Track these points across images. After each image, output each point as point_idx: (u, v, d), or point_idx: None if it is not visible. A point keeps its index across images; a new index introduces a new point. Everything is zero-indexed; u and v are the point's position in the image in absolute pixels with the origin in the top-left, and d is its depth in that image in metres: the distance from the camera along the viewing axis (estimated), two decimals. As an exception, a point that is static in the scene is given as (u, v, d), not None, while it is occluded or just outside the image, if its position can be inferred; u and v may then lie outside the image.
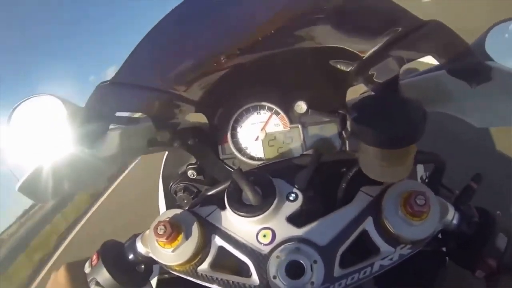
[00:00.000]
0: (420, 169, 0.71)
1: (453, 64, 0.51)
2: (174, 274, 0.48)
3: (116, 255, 0.51)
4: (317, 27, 0.61)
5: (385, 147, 0.45)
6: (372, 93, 0.68)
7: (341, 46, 0.64)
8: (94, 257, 0.50)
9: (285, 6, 0.58)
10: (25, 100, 0.58)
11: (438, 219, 0.45)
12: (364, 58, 0.62)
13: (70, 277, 0.49)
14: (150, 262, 0.51)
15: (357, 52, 0.64)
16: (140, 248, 0.50)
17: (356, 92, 0.87)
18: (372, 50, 0.59)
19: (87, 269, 0.50)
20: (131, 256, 0.51)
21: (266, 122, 0.73)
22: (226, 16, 0.61)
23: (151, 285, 0.55)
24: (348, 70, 0.68)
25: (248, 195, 0.48)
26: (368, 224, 0.46)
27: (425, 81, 0.59)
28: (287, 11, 0.58)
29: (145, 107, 0.68)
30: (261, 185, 0.49)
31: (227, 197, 0.49)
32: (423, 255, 0.48)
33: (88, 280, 0.49)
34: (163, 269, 0.49)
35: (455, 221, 0.48)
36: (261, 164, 0.68)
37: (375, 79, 0.65)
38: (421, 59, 0.56)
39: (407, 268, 0.48)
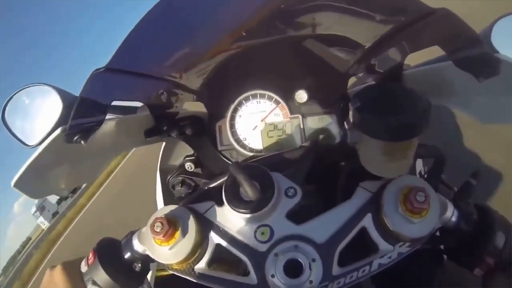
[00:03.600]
0: (418, 163, 0.71)
1: (460, 54, 0.49)
2: (171, 272, 0.48)
3: (112, 254, 0.50)
4: (322, 13, 0.59)
5: (388, 139, 0.44)
6: (374, 82, 0.66)
7: (344, 35, 0.62)
8: (91, 255, 0.49)
9: None
10: (20, 91, 0.57)
11: (437, 217, 0.44)
12: (367, 47, 0.60)
13: (66, 276, 0.48)
14: (147, 260, 0.50)
15: (360, 42, 0.62)
16: (137, 246, 0.49)
17: (358, 81, 0.85)
18: (377, 38, 0.58)
19: (83, 268, 0.50)
20: (128, 255, 0.50)
21: (266, 112, 0.71)
22: (226, 1, 0.59)
23: (149, 283, 0.54)
24: (350, 59, 0.67)
25: (247, 190, 0.47)
26: (367, 221, 0.46)
27: (430, 72, 0.57)
28: None
29: (142, 95, 0.67)
30: (259, 179, 0.48)
31: (224, 193, 0.48)
32: (421, 254, 0.48)
33: (85, 279, 0.48)
34: (160, 267, 0.49)
35: (454, 219, 0.47)
36: (259, 156, 0.67)
37: (378, 69, 0.63)
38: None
39: (405, 267, 0.48)
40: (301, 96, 0.70)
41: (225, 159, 0.73)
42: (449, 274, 0.59)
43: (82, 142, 0.52)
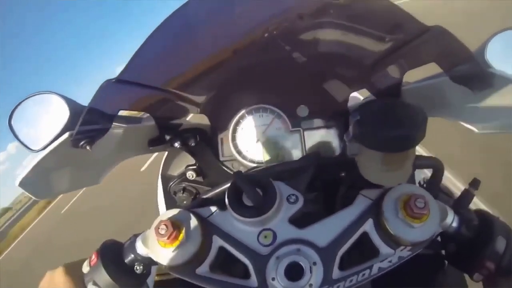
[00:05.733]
0: (418, 174, 0.71)
1: (455, 71, 0.51)
2: (171, 276, 0.47)
3: (115, 256, 0.50)
4: (322, 31, 0.62)
5: (386, 150, 0.46)
6: (374, 97, 0.68)
7: (343, 53, 0.65)
8: (93, 256, 0.50)
9: (291, 8, 0.59)
10: (28, 98, 0.59)
11: (438, 222, 0.45)
12: (366, 64, 0.63)
13: (67, 278, 0.48)
14: (148, 263, 0.50)
15: (359, 59, 0.64)
16: (140, 248, 0.49)
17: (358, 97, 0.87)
18: (376, 56, 0.60)
19: (85, 268, 0.50)
20: (130, 257, 0.50)
21: (268, 125, 0.73)
22: (230, 17, 0.61)
23: (148, 287, 0.54)
24: (350, 76, 0.69)
25: (249, 196, 0.48)
26: (369, 226, 0.46)
27: (427, 87, 0.59)
28: (293, 13, 0.58)
29: (148, 106, 0.68)
30: (262, 187, 0.49)
31: (228, 198, 0.49)
32: (422, 258, 0.48)
33: (86, 280, 0.49)
34: (161, 270, 0.49)
35: (454, 224, 0.48)
36: (261, 166, 0.68)
37: (377, 85, 0.65)
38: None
39: (406, 271, 0.48)
40: (303, 110, 0.72)
41: (226, 169, 0.74)
42: (450, 279, 0.59)
43: (88, 147, 0.54)
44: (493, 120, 0.53)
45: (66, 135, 0.52)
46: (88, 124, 0.54)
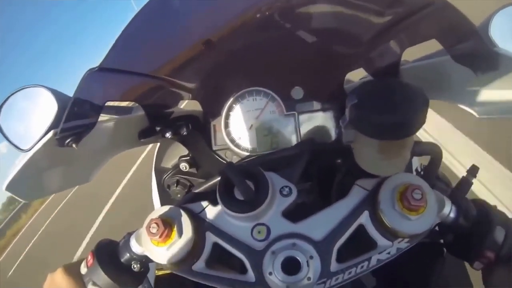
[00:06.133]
0: (415, 161, 0.69)
1: (458, 49, 0.48)
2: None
3: (111, 255, 0.50)
4: (318, 5, 0.58)
5: (382, 138, 0.44)
6: (372, 78, 0.65)
7: (340, 28, 0.61)
8: (89, 257, 0.50)
9: None
10: (14, 93, 0.57)
11: (435, 213, 0.44)
12: (364, 40, 0.59)
13: (67, 279, 0.49)
14: (145, 260, 0.50)
15: (357, 35, 0.60)
16: (135, 247, 0.49)
17: (355, 77, 0.83)
18: (374, 31, 0.56)
19: (83, 269, 0.50)
20: (126, 255, 0.50)
21: (263, 110, 0.70)
22: None
23: (149, 283, 0.55)
24: (347, 53, 0.65)
25: (241, 191, 0.47)
26: (365, 218, 0.46)
27: (428, 67, 0.56)
28: None
29: (136, 95, 0.66)
30: (254, 179, 0.48)
31: (219, 193, 0.48)
32: (421, 247, 0.48)
33: (85, 280, 0.49)
34: (160, 266, 0.49)
35: (452, 215, 0.47)
36: (253, 156, 0.66)
37: (375, 63, 0.62)
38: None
39: (405, 260, 0.48)
40: (297, 92, 0.69)
41: (219, 159, 0.72)
42: (449, 266, 0.59)
43: (74, 145, 0.52)
44: (495, 104, 0.50)
45: (50, 134, 0.50)
46: (73, 119, 0.52)
